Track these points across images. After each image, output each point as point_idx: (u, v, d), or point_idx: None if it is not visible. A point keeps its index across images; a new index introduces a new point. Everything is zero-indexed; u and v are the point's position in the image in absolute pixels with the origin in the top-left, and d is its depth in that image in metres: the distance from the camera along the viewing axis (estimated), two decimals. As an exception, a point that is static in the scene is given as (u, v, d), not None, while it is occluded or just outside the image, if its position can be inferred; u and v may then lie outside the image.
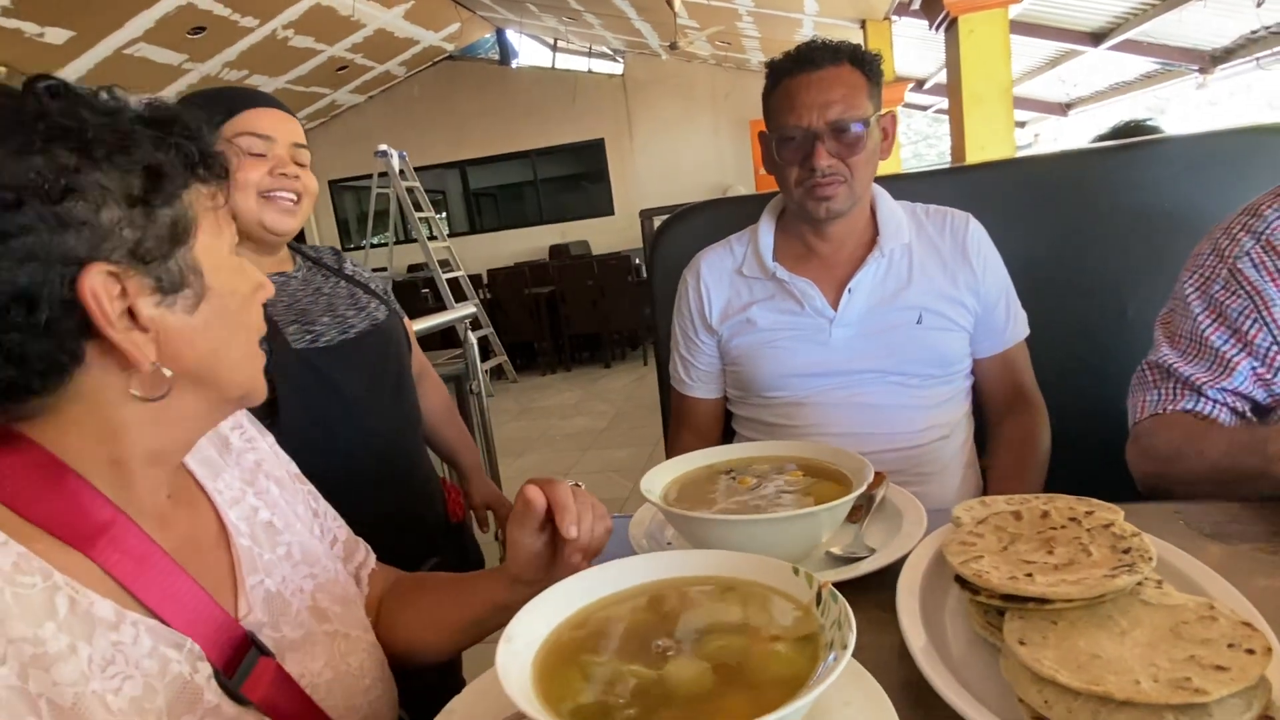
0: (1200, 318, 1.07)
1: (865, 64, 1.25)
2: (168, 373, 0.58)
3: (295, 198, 1.24)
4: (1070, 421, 1.36)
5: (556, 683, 0.52)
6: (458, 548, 1.49)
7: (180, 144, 0.60)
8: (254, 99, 1.24)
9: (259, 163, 1.21)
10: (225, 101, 1.22)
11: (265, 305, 1.20)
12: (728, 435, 1.48)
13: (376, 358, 1.30)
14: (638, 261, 8.03)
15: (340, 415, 1.22)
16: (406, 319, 1.53)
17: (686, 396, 1.46)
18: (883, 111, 1.29)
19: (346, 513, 1.18)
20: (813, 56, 1.24)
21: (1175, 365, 1.09)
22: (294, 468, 0.85)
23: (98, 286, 0.54)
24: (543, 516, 0.70)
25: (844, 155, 1.24)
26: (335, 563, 0.80)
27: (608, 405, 6.30)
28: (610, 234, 10.30)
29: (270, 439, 0.84)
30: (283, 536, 0.74)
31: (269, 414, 1.16)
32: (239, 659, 0.61)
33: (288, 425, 1.13)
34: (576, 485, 0.72)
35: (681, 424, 1.48)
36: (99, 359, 0.56)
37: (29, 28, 5.63)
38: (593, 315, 7.61)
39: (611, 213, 10.58)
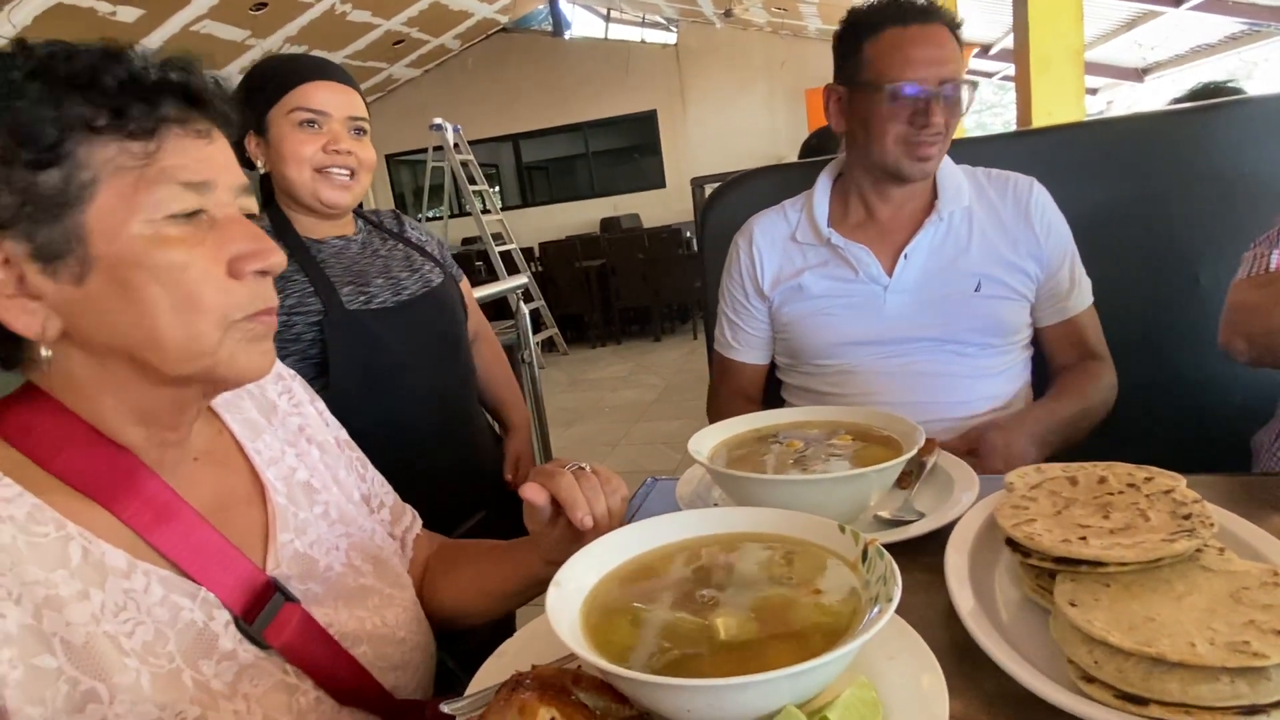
0: None
1: (954, 25, 1.23)
2: (45, 352, 0.56)
3: (349, 172, 1.26)
4: (1138, 392, 1.32)
5: (605, 627, 0.54)
6: (508, 504, 1.50)
7: (73, 96, 0.54)
8: (310, 71, 1.25)
9: (313, 137, 1.23)
10: (282, 75, 1.24)
11: (323, 266, 1.21)
12: (773, 402, 1.47)
13: (429, 320, 1.33)
14: (688, 234, 7.97)
15: (392, 374, 1.24)
16: (465, 281, 1.55)
17: (731, 360, 1.46)
18: None
19: (396, 469, 1.21)
20: (925, 7, 1.20)
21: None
22: (343, 434, 0.86)
23: None
24: (550, 511, 0.68)
25: (949, 116, 1.22)
26: (375, 524, 0.81)
27: (657, 378, 6.32)
28: (661, 207, 10.25)
29: (320, 404, 0.85)
30: (320, 496, 0.75)
31: (320, 372, 1.20)
32: (261, 606, 0.62)
33: (337, 382, 1.18)
34: (581, 468, 0.69)
35: (723, 387, 1.48)
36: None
37: (102, 6, 5.83)
38: (643, 288, 7.61)
39: (663, 185, 10.51)
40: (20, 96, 0.53)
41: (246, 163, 1.29)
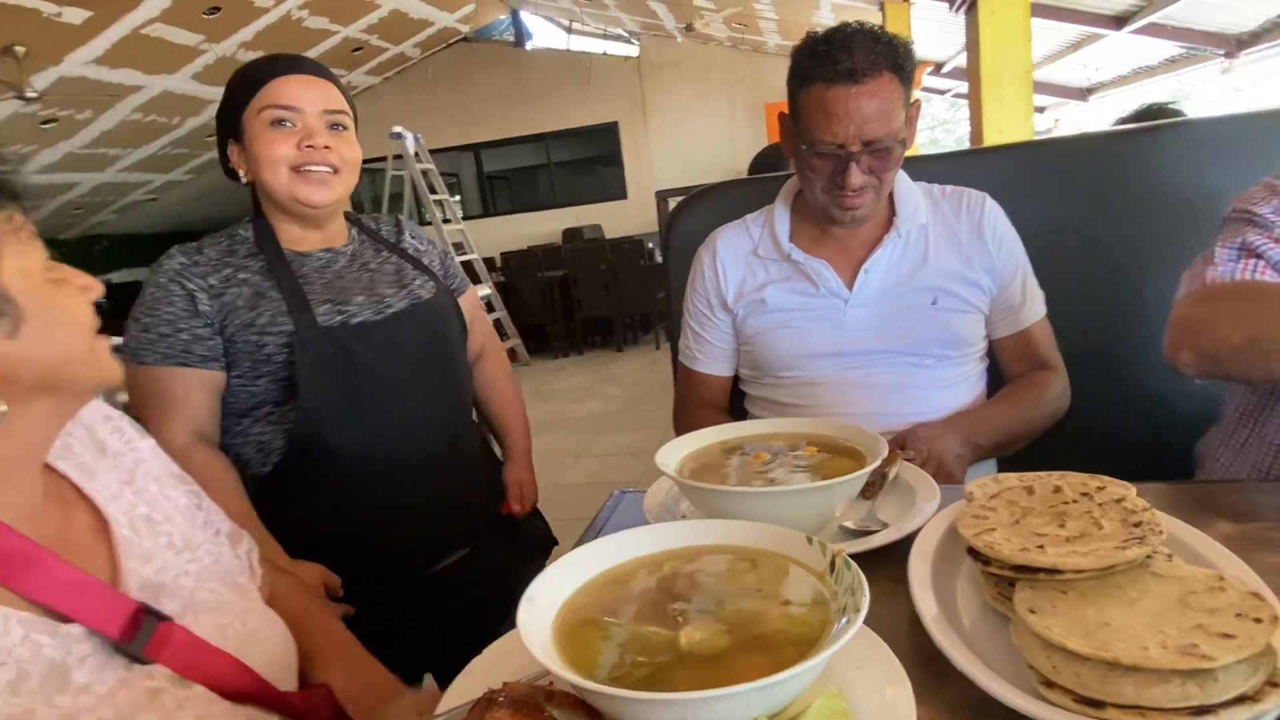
0: (1248, 231, 1.07)
1: (902, 68, 1.18)
2: (2, 405, 0.63)
3: (330, 169, 1.20)
4: (1087, 402, 1.36)
5: (576, 642, 0.54)
6: (500, 539, 1.40)
7: None
8: (279, 66, 1.19)
9: (285, 136, 1.16)
10: (251, 74, 1.19)
11: (299, 281, 1.18)
12: (737, 414, 1.49)
13: (415, 337, 1.26)
14: (651, 245, 8.02)
15: (371, 394, 1.18)
16: (471, 294, 1.47)
17: (695, 372, 1.47)
18: (909, 104, 1.25)
19: (370, 496, 1.18)
20: (854, 67, 1.14)
21: (1215, 260, 1.08)
22: (174, 467, 0.89)
23: None
24: None
25: (878, 171, 1.22)
26: (219, 548, 0.85)
27: (620, 389, 6.33)
28: (623, 218, 10.28)
29: (151, 442, 0.88)
30: (162, 527, 0.79)
31: (292, 394, 1.15)
32: (136, 628, 0.67)
33: (307, 402, 1.13)
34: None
35: (688, 400, 1.49)
36: None
37: (47, 7, 5.65)
38: (605, 299, 7.62)
39: (625, 196, 10.55)
40: None
41: (231, 174, 1.23)
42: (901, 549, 0.75)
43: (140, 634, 0.67)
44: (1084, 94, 8.73)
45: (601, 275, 7.51)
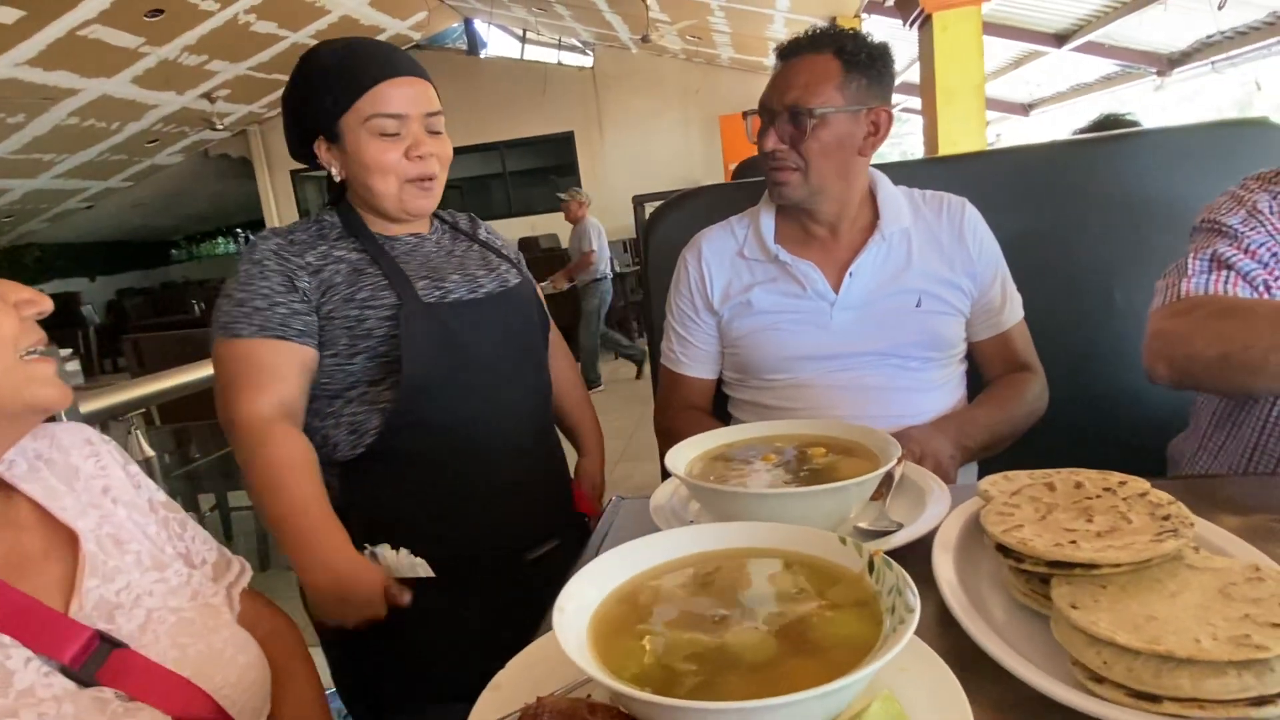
0: (1217, 242, 1.10)
1: (849, 54, 1.24)
2: None
3: (434, 176, 1.20)
4: (1060, 404, 1.38)
5: (615, 652, 0.51)
6: (580, 536, 1.37)
7: None
8: (384, 68, 1.14)
9: (395, 144, 1.15)
10: (351, 75, 1.14)
11: (399, 261, 1.18)
12: (720, 417, 1.47)
13: (506, 319, 1.25)
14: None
15: (465, 372, 1.17)
16: (539, 289, 1.46)
17: (678, 375, 1.46)
18: (871, 105, 1.28)
19: (466, 478, 1.18)
20: (797, 44, 1.27)
21: (1190, 269, 1.11)
22: (160, 495, 0.89)
23: None
24: None
25: (795, 141, 1.25)
26: (191, 572, 0.85)
27: (580, 399, 6.28)
28: (579, 227, 10.26)
29: (134, 468, 0.88)
30: (129, 546, 0.80)
31: (390, 370, 1.13)
32: (86, 652, 0.68)
33: (410, 376, 1.11)
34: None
35: (671, 403, 1.47)
36: None
37: (-23, 6, 5.41)
38: (565, 306, 7.56)
39: (581, 206, 10.53)
40: None
41: (301, 158, 1.21)
42: (916, 549, 0.75)
43: (91, 660, 0.69)
44: (1025, 109, 9.05)
45: (559, 284, 7.45)
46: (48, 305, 0.74)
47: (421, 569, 1.12)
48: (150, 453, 1.50)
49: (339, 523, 1.05)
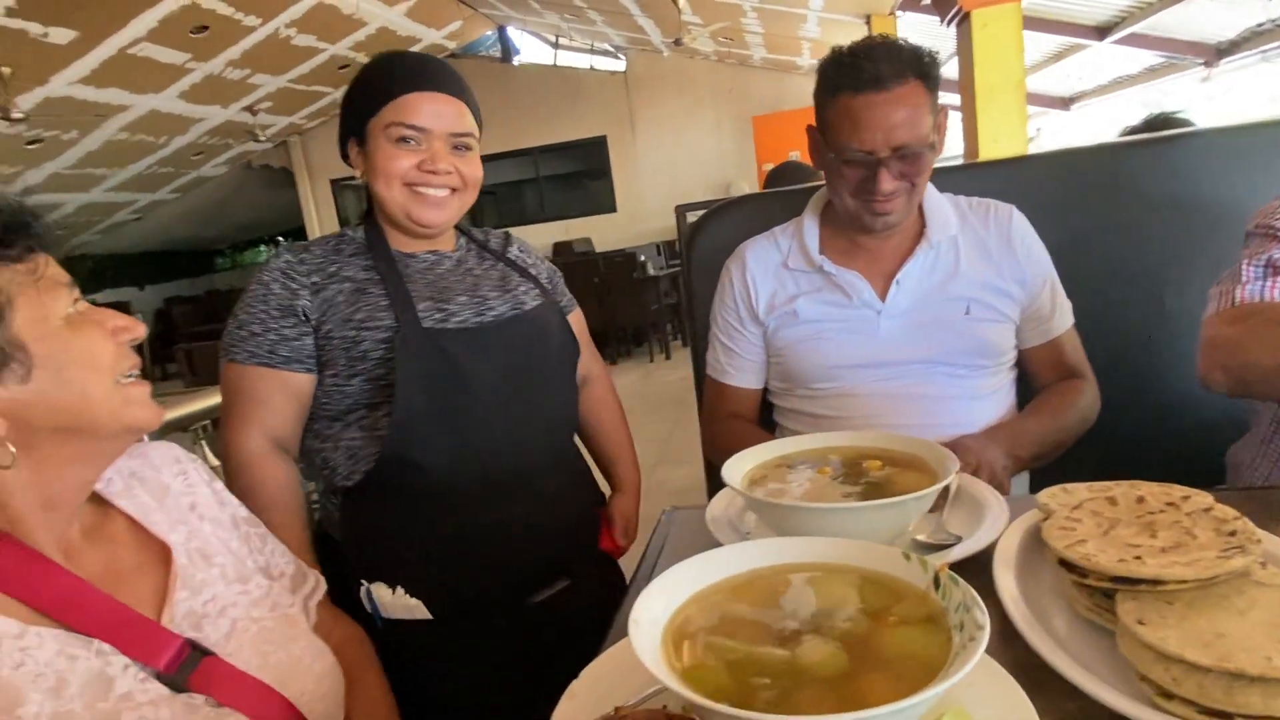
0: (1272, 247, 1.08)
1: (929, 76, 1.21)
2: (10, 447, 0.67)
3: (448, 190, 1.18)
4: (1112, 411, 1.37)
5: (689, 663, 0.53)
6: (599, 575, 1.33)
7: None
8: (414, 79, 1.15)
9: (407, 153, 1.14)
10: (383, 81, 1.15)
11: (408, 281, 1.18)
12: (765, 426, 1.49)
13: (515, 347, 1.19)
14: (642, 259, 8.04)
15: (465, 403, 1.12)
16: (578, 314, 1.43)
17: (725, 385, 1.47)
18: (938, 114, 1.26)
19: (460, 515, 1.13)
20: (879, 74, 1.17)
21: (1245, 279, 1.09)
22: (241, 511, 0.93)
23: None
24: None
25: (910, 176, 1.23)
26: (273, 585, 0.90)
27: (616, 402, 6.31)
28: (613, 231, 10.31)
29: (218, 485, 0.92)
30: (216, 559, 0.84)
31: (385, 396, 1.11)
32: (178, 659, 0.72)
33: (401, 402, 1.07)
34: None
35: (718, 412, 1.49)
36: None
37: (33, 28, 5.61)
38: (598, 313, 7.61)
39: (614, 210, 10.59)
40: None
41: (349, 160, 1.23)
42: (972, 560, 0.76)
43: (183, 667, 0.73)
44: (1066, 103, 8.87)
45: (594, 289, 7.50)
46: (142, 331, 0.78)
47: (418, 610, 1.10)
48: (216, 461, 1.56)
49: (313, 559, 1.09)
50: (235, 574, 0.85)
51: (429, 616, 1.10)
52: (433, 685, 1.12)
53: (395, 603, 1.09)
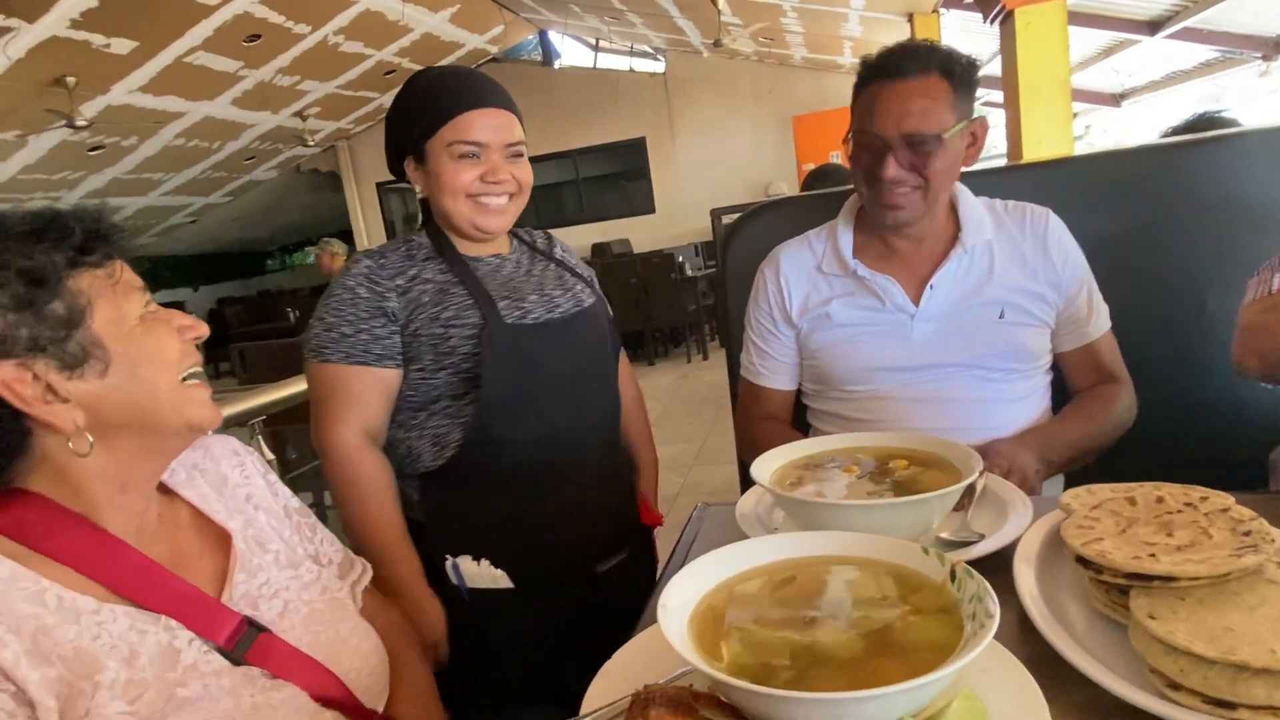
0: None
1: (955, 74, 1.24)
2: (89, 436, 0.73)
3: (507, 196, 1.27)
4: (1152, 414, 1.36)
5: (712, 645, 0.57)
6: (644, 548, 1.46)
7: (56, 244, 0.73)
8: (470, 98, 1.23)
9: (470, 167, 1.22)
10: (439, 103, 1.23)
11: (483, 282, 1.27)
12: (799, 428, 1.51)
13: (582, 340, 1.30)
14: (681, 259, 8.07)
15: (542, 393, 1.23)
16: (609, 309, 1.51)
17: (758, 386, 1.50)
18: (974, 117, 1.28)
19: (540, 491, 1.25)
20: (901, 64, 1.23)
21: None
22: (294, 502, 1.00)
23: (9, 378, 0.69)
24: None
25: (918, 166, 1.25)
26: (322, 571, 0.95)
27: (654, 402, 6.35)
28: (651, 232, 10.35)
29: (273, 477, 0.99)
30: (270, 546, 0.90)
31: (470, 386, 1.21)
32: (237, 635, 0.78)
33: (489, 396, 1.19)
34: None
35: (752, 413, 1.52)
36: (42, 429, 0.72)
37: (96, 39, 5.86)
38: (636, 313, 7.66)
39: (653, 211, 10.63)
40: (13, 256, 0.71)
41: (398, 173, 1.31)
42: (996, 559, 0.78)
43: (241, 642, 0.78)
44: (1116, 100, 8.65)
45: (632, 290, 7.56)
46: (205, 330, 0.85)
47: (502, 580, 1.21)
48: (271, 455, 1.65)
49: (413, 550, 1.20)
50: (287, 560, 0.91)
51: (511, 586, 1.21)
52: (516, 649, 1.23)
53: (480, 574, 1.20)
